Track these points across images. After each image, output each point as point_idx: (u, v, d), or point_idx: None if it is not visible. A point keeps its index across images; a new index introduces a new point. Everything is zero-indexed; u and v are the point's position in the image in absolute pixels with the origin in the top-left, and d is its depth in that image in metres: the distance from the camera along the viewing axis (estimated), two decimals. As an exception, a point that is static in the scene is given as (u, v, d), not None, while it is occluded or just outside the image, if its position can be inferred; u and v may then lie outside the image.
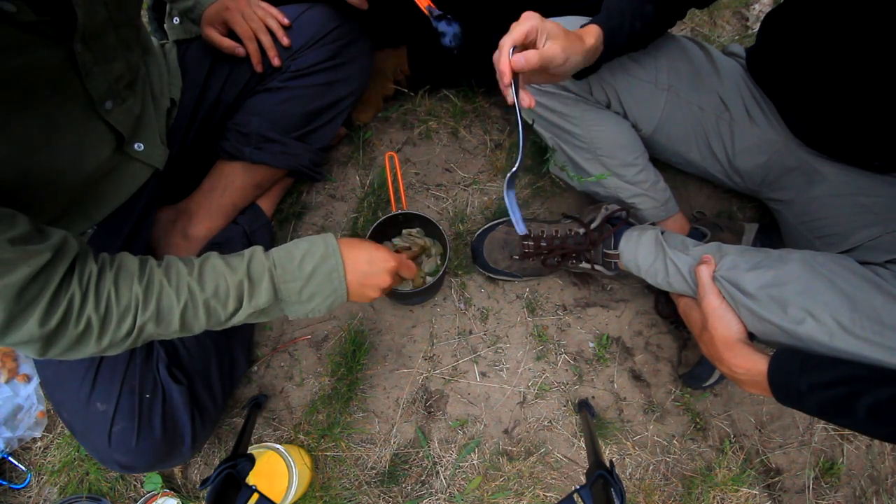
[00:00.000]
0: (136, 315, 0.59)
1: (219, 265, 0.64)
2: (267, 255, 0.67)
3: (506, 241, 1.01)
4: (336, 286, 0.69)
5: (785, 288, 0.67)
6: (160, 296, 0.60)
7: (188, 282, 0.62)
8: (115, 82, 0.69)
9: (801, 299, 0.65)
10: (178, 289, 0.61)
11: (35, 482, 0.98)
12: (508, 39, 0.64)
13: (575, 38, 0.67)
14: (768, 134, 0.86)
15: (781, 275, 0.68)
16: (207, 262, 0.65)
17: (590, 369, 1.03)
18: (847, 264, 0.68)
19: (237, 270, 0.64)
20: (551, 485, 0.97)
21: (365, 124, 1.18)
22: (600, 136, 0.90)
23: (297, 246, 0.69)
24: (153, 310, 0.60)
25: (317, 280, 0.67)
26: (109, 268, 0.59)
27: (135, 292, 0.59)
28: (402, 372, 1.03)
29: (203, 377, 0.87)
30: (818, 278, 0.66)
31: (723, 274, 0.73)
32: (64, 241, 0.57)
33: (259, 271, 0.65)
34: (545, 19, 0.65)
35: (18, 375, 0.99)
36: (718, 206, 1.12)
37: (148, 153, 0.80)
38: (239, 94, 0.93)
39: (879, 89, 0.66)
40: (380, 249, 0.73)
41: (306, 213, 1.13)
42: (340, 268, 0.68)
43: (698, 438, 1.00)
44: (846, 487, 0.98)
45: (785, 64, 0.79)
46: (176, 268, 0.63)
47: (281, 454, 0.87)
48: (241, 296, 0.64)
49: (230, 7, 0.87)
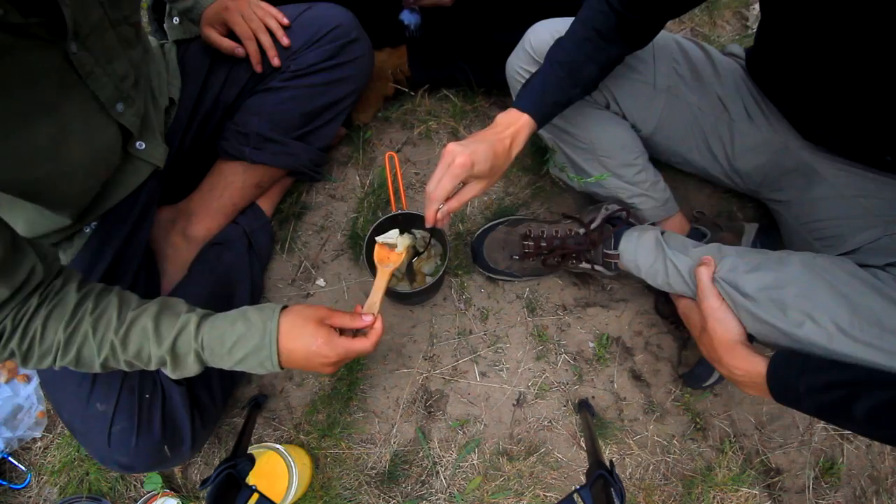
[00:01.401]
0: (55, 357, 0.61)
1: (149, 329, 0.63)
2: (197, 334, 0.64)
3: (506, 241, 1.01)
4: (268, 369, 0.67)
5: (784, 290, 0.67)
6: (81, 346, 0.61)
7: (111, 339, 0.62)
8: (121, 82, 0.69)
9: (800, 302, 0.65)
10: (100, 343, 0.62)
11: (35, 482, 0.98)
12: (439, 192, 0.68)
13: (501, 158, 0.71)
14: (768, 135, 0.86)
15: (781, 277, 0.68)
16: (137, 323, 0.63)
17: (590, 369, 1.03)
18: (847, 267, 0.68)
19: (162, 343, 0.63)
20: (551, 485, 0.97)
21: (365, 124, 1.18)
22: (599, 137, 0.90)
23: (233, 326, 0.65)
24: (73, 357, 0.61)
25: (246, 364, 0.66)
26: (48, 303, 0.61)
27: (58, 338, 0.60)
28: (402, 372, 1.03)
29: (203, 377, 0.86)
30: (818, 281, 0.66)
31: (722, 276, 0.73)
32: (28, 276, 0.58)
33: (185, 350, 0.65)
34: (471, 150, 0.67)
35: (18, 375, 0.99)
36: (718, 206, 1.12)
37: (149, 152, 0.80)
38: (238, 94, 0.93)
39: (888, 81, 0.65)
40: (321, 344, 0.66)
41: (306, 213, 1.13)
42: (274, 358, 0.65)
43: (698, 438, 1.00)
44: (846, 487, 0.98)
45: (785, 64, 0.78)
46: (107, 319, 0.62)
47: (281, 454, 0.87)
48: (164, 364, 0.65)
49: (230, 7, 0.87)
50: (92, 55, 0.62)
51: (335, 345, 0.66)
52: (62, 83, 0.60)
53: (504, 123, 0.74)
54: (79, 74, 0.61)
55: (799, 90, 0.78)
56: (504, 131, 0.72)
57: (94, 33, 0.62)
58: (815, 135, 0.82)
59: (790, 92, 0.81)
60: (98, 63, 0.64)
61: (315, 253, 1.10)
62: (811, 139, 0.83)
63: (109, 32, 0.65)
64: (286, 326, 0.66)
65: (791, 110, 0.83)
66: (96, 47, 0.63)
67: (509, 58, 0.94)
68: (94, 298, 0.63)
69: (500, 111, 0.76)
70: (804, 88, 0.77)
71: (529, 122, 0.74)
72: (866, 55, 0.63)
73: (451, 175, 0.67)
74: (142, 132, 0.78)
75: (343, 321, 0.69)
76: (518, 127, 0.73)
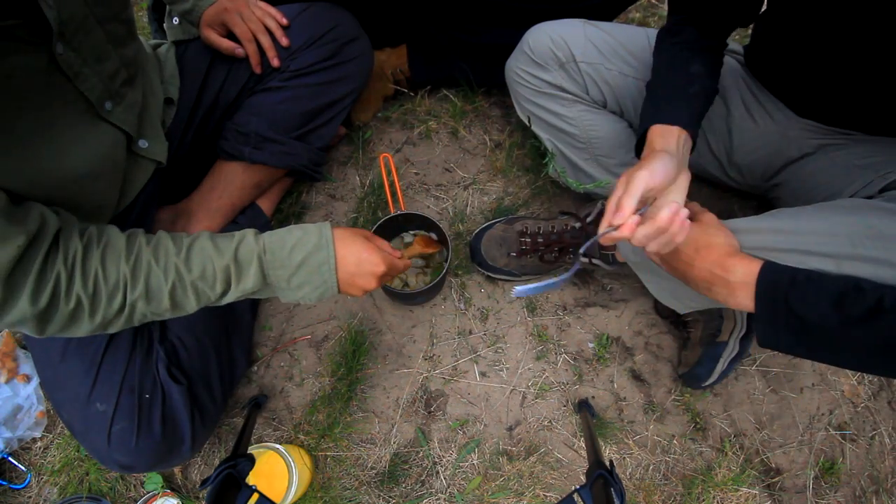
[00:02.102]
0: (125, 293, 0.59)
1: (207, 247, 0.64)
2: (258, 240, 0.66)
3: (503, 238, 1.01)
4: (326, 278, 0.67)
5: (782, 238, 0.63)
6: (148, 276, 0.60)
7: (175, 263, 0.62)
8: (110, 81, 0.67)
9: (802, 242, 0.62)
10: (165, 269, 0.61)
11: (35, 482, 0.98)
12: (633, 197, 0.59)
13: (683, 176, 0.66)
14: (768, 127, 0.86)
15: (775, 227, 0.65)
16: (196, 243, 0.64)
17: (590, 369, 1.03)
18: (837, 202, 0.66)
19: (224, 254, 0.64)
20: (551, 485, 0.97)
21: (365, 124, 1.18)
22: (597, 136, 0.90)
23: (290, 233, 0.67)
24: (142, 289, 0.60)
25: (306, 270, 0.66)
26: (97, 244, 0.59)
27: (122, 272, 0.59)
28: (402, 372, 1.03)
29: (203, 377, 0.87)
30: (812, 220, 0.63)
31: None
32: (41, 218, 0.56)
33: (247, 256, 0.65)
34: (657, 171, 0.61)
35: (18, 375, 0.99)
36: (718, 206, 1.12)
37: (152, 149, 0.80)
38: (238, 94, 0.93)
39: (888, 59, 0.64)
40: (371, 251, 0.70)
41: (306, 212, 1.13)
42: (331, 261, 0.67)
43: (698, 438, 1.00)
44: (846, 487, 0.98)
45: (787, 52, 0.77)
46: (165, 247, 0.63)
47: (281, 454, 0.87)
48: (228, 279, 0.64)
49: (228, 8, 0.87)
50: (79, 55, 0.60)
51: (384, 255, 0.72)
52: (48, 85, 0.58)
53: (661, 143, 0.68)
54: (67, 76, 0.59)
55: (800, 76, 0.77)
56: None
57: (80, 32, 0.60)
58: (826, 119, 0.80)
59: (791, 79, 0.80)
60: (86, 63, 0.62)
61: (315, 253, 1.10)
62: (824, 122, 0.81)
63: (97, 31, 0.63)
64: (339, 234, 0.69)
65: (791, 97, 0.82)
66: (83, 47, 0.61)
67: (508, 60, 0.94)
68: (143, 235, 0.64)
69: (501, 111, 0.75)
70: (805, 74, 0.76)
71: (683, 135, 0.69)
72: (870, 36, 0.62)
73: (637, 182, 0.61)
74: (142, 129, 0.78)
75: (383, 244, 0.76)
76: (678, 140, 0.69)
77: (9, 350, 0.99)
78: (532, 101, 0.93)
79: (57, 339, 0.78)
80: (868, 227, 0.59)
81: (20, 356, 1.00)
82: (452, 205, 1.13)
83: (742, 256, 0.63)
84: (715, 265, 0.65)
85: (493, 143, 1.17)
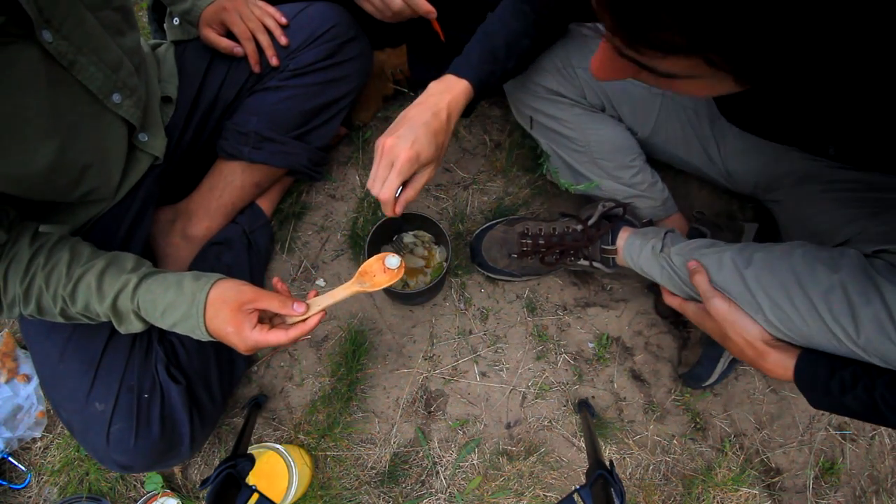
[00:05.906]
0: (20, 308, 0.66)
1: (92, 287, 0.65)
2: (134, 295, 0.66)
3: (504, 239, 1.01)
4: (201, 337, 0.68)
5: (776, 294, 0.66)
6: (39, 298, 0.65)
7: (62, 294, 0.65)
8: (114, 73, 0.67)
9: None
10: (54, 297, 0.65)
11: (35, 482, 0.98)
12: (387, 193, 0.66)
13: (442, 135, 0.68)
14: (756, 140, 0.86)
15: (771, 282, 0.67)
16: (84, 279, 0.66)
17: (590, 369, 1.03)
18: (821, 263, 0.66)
19: (104, 300, 0.66)
20: (551, 485, 0.97)
21: (365, 124, 1.18)
22: (596, 140, 0.90)
23: (164, 295, 0.67)
24: (34, 307, 0.65)
25: (181, 329, 0.68)
26: (4, 258, 0.64)
27: (17, 291, 0.64)
28: (402, 372, 1.03)
29: (202, 377, 0.87)
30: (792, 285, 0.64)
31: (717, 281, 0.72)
32: None
33: (125, 309, 0.67)
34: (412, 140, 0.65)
35: (18, 375, 0.99)
36: (718, 206, 1.12)
37: (151, 143, 0.80)
38: (237, 94, 0.93)
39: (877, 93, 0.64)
40: (230, 332, 0.66)
41: (306, 212, 1.13)
42: (202, 329, 0.67)
43: (698, 438, 1.00)
44: (846, 487, 0.98)
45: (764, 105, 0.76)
46: (58, 273, 0.65)
47: (281, 454, 0.87)
48: (110, 320, 0.67)
49: (227, 7, 0.87)
50: (72, 44, 0.60)
51: (244, 338, 0.66)
52: (49, 77, 0.58)
53: (437, 91, 0.70)
54: (63, 66, 0.60)
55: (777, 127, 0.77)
56: (439, 103, 0.68)
57: (70, 20, 0.59)
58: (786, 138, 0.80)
59: (769, 130, 0.80)
60: (81, 52, 0.61)
61: (315, 253, 1.10)
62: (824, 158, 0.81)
63: (89, 19, 0.63)
64: (212, 301, 0.67)
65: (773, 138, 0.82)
66: (74, 35, 0.60)
67: None
68: (47, 253, 0.66)
69: (501, 111, 0.75)
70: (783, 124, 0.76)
71: (467, 89, 0.71)
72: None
73: (398, 173, 0.65)
74: (144, 122, 0.78)
75: (270, 305, 0.67)
76: (455, 94, 0.70)
77: (9, 350, 0.99)
78: (530, 105, 0.93)
79: (56, 339, 0.78)
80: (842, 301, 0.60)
81: (20, 356, 1.00)
82: (452, 205, 1.13)
83: (774, 359, 0.67)
84: (747, 346, 0.69)
85: (493, 143, 1.16)
